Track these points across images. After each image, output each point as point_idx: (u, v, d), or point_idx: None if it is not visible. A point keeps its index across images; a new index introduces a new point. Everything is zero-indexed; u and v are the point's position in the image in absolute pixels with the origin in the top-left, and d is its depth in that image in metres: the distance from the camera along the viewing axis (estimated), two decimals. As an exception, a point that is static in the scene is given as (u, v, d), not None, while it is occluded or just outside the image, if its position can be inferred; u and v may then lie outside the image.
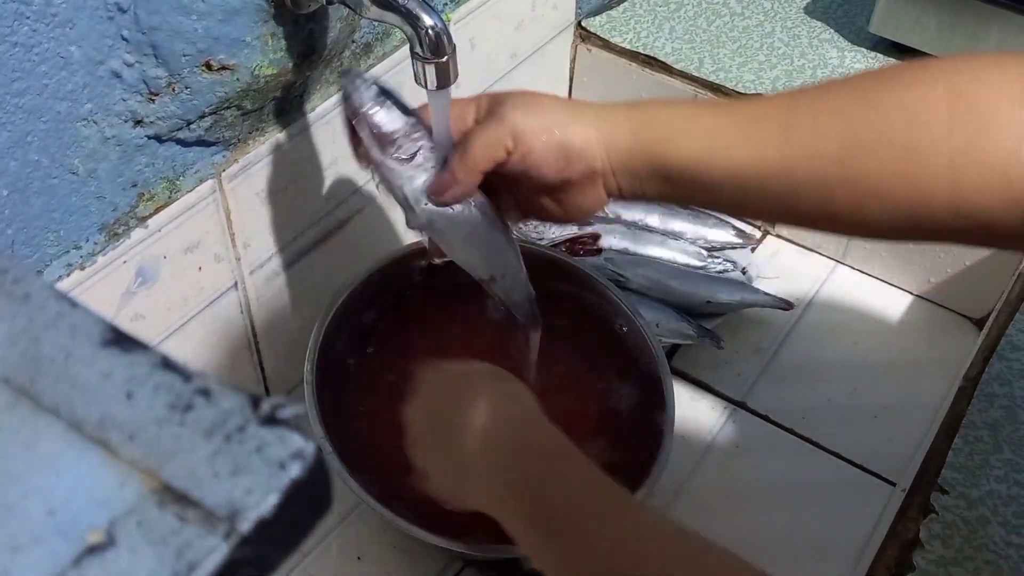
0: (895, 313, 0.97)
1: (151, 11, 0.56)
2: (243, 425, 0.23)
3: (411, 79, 0.61)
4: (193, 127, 0.63)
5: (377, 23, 0.75)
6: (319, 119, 0.74)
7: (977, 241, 0.52)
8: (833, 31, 1.06)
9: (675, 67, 1.00)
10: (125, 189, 0.62)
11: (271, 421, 0.23)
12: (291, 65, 0.65)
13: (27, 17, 0.51)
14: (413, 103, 0.62)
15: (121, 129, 0.60)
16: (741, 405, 0.89)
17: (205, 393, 0.23)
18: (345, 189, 0.81)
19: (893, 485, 0.82)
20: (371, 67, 0.77)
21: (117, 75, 0.57)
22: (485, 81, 0.93)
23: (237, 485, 0.22)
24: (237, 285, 0.74)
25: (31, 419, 0.23)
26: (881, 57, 1.02)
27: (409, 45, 0.59)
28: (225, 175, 0.68)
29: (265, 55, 0.62)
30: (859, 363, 0.92)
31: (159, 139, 0.62)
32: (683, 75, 1.00)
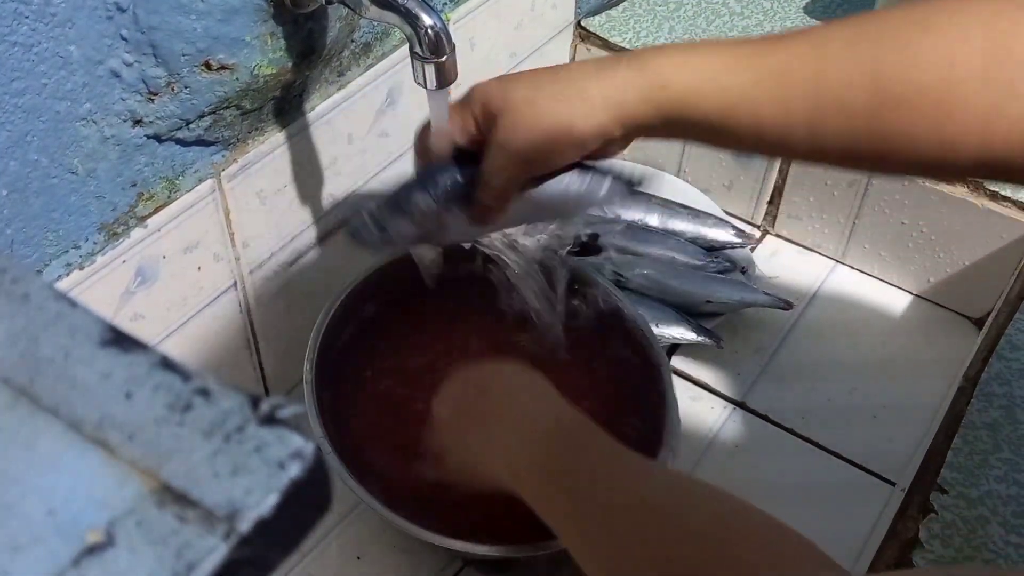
0: (895, 313, 0.97)
1: (150, 10, 0.56)
2: (242, 425, 0.23)
3: (411, 79, 0.61)
4: (192, 127, 0.63)
5: (376, 23, 0.75)
6: (319, 119, 0.74)
7: (996, 179, 0.52)
8: (833, 31, 1.06)
9: (675, 67, 1.00)
10: (124, 189, 0.62)
11: (270, 421, 0.23)
12: (290, 65, 0.65)
13: (26, 16, 0.51)
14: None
15: (120, 129, 0.60)
16: (741, 405, 0.89)
17: (204, 393, 0.23)
18: (344, 188, 0.81)
19: (893, 485, 0.82)
20: (370, 66, 0.77)
21: (116, 75, 0.57)
22: (484, 81, 0.93)
23: (236, 485, 0.22)
24: (236, 285, 0.74)
25: (30, 419, 0.23)
26: (881, 57, 1.02)
27: (408, 45, 0.59)
28: (224, 175, 0.68)
29: (264, 55, 0.62)
30: (859, 363, 0.92)
31: (158, 139, 0.62)
32: (683, 75, 1.00)
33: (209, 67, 0.60)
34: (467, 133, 0.60)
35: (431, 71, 0.59)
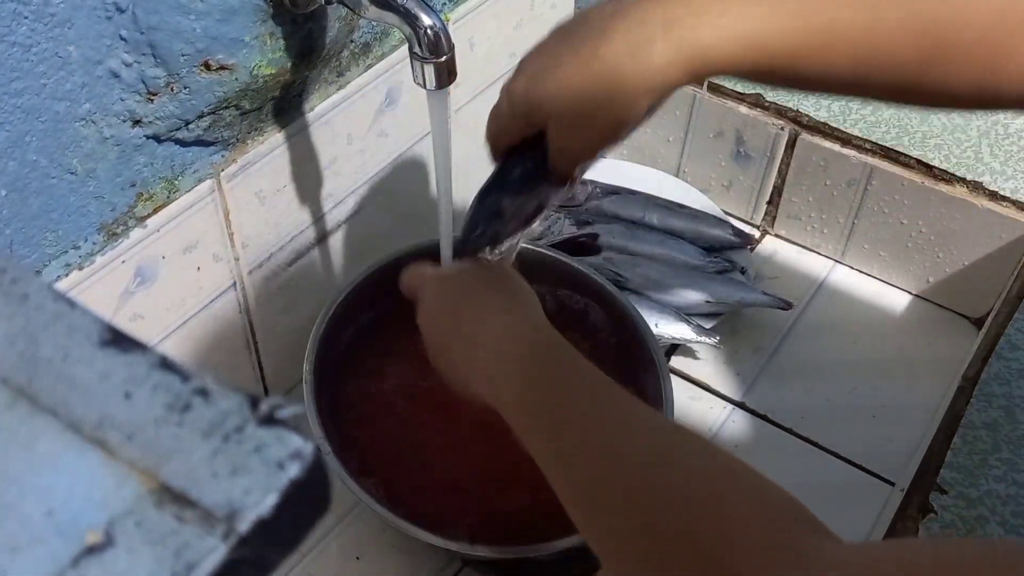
0: (894, 313, 0.97)
1: (149, 11, 0.56)
2: (242, 425, 0.23)
3: (410, 79, 0.61)
4: (192, 127, 0.63)
5: (376, 23, 0.75)
6: (318, 119, 0.74)
7: None
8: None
9: (674, 67, 1.00)
10: (124, 189, 0.62)
11: (270, 421, 0.23)
12: (290, 65, 0.65)
13: (25, 17, 0.51)
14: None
15: (120, 129, 0.60)
16: (740, 405, 0.89)
17: (203, 393, 0.23)
18: (344, 189, 0.81)
19: (892, 485, 0.82)
20: (370, 66, 0.77)
21: (115, 75, 0.57)
22: (484, 81, 0.93)
23: (236, 485, 0.22)
24: (236, 285, 0.74)
25: (29, 419, 0.23)
26: (880, 57, 1.02)
27: (408, 45, 0.59)
28: (224, 175, 0.68)
29: (264, 55, 0.62)
30: (858, 363, 0.92)
31: (158, 139, 0.62)
32: (682, 75, 1.00)
33: (208, 67, 0.60)
34: (520, 134, 0.58)
35: (430, 71, 0.59)
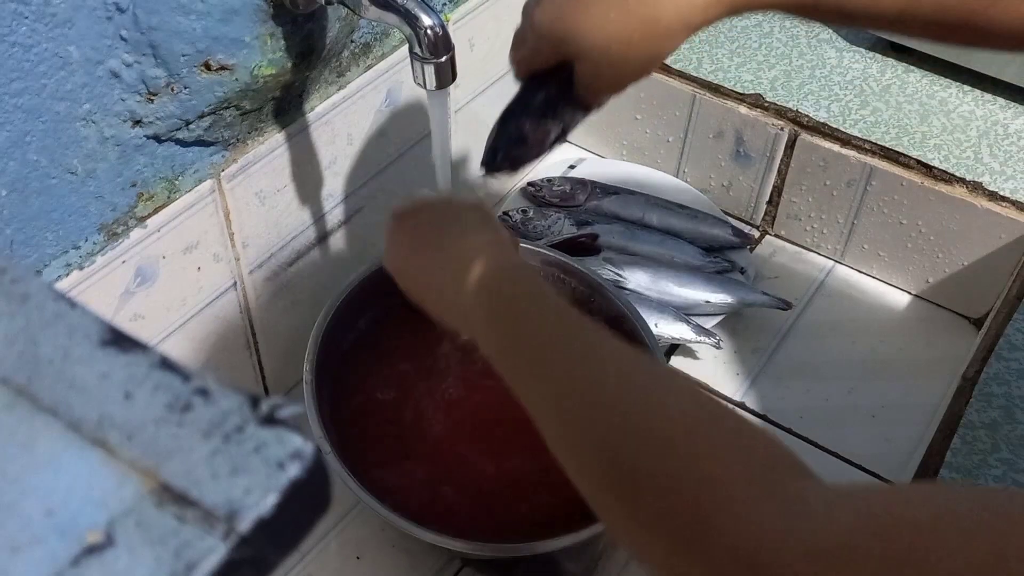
0: (893, 313, 0.97)
1: (150, 11, 0.56)
2: (242, 425, 0.23)
3: (410, 79, 0.61)
4: (192, 127, 0.63)
5: (376, 23, 0.75)
6: (318, 119, 0.74)
7: None
8: (831, 31, 1.06)
9: (673, 67, 1.00)
10: (124, 189, 0.62)
11: (270, 421, 0.23)
12: (290, 65, 0.65)
13: (26, 17, 0.51)
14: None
15: (120, 129, 0.60)
16: (740, 405, 0.89)
17: (204, 393, 0.23)
18: (344, 189, 0.81)
19: (891, 485, 0.82)
20: (370, 67, 0.77)
21: (116, 75, 0.57)
22: (484, 81, 0.93)
23: (236, 485, 0.22)
24: (236, 285, 0.75)
25: (29, 419, 0.23)
26: (879, 57, 1.02)
27: (408, 45, 0.59)
28: (224, 175, 0.68)
29: (264, 55, 0.62)
30: (857, 363, 0.92)
31: (158, 139, 0.62)
32: (681, 75, 1.00)
33: (209, 67, 0.60)
34: (544, 64, 0.57)
35: (430, 72, 0.59)
